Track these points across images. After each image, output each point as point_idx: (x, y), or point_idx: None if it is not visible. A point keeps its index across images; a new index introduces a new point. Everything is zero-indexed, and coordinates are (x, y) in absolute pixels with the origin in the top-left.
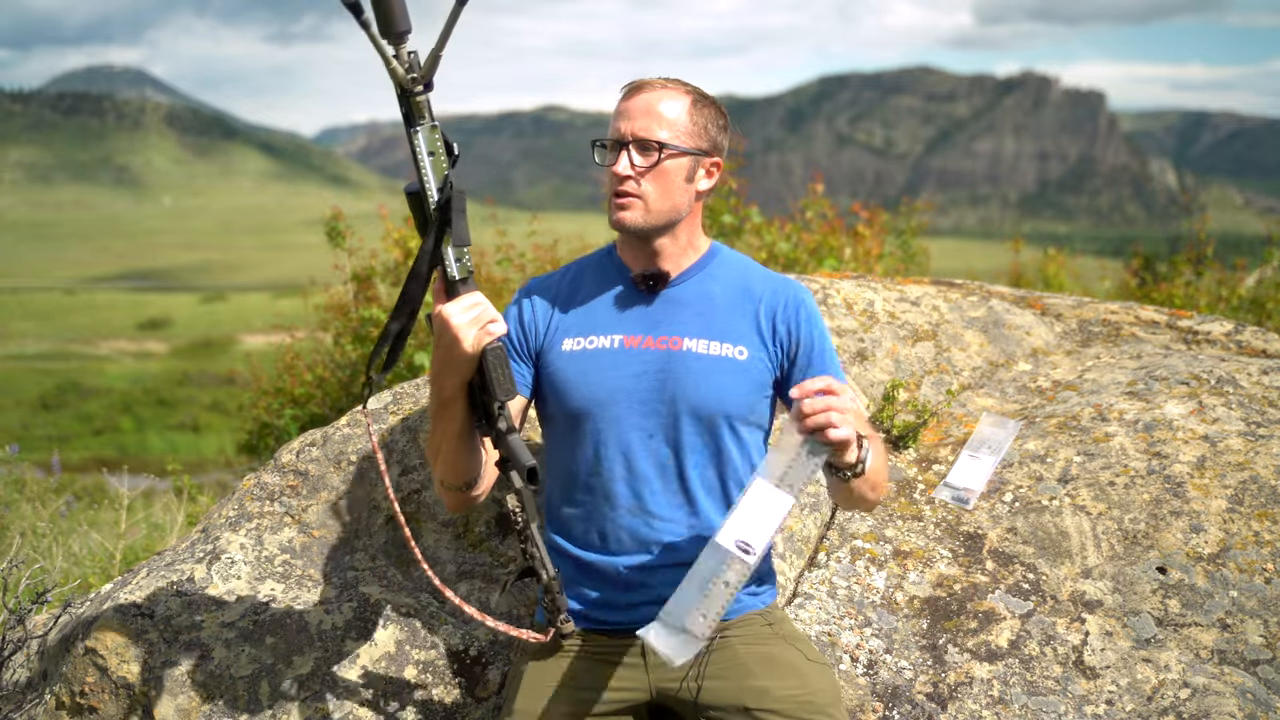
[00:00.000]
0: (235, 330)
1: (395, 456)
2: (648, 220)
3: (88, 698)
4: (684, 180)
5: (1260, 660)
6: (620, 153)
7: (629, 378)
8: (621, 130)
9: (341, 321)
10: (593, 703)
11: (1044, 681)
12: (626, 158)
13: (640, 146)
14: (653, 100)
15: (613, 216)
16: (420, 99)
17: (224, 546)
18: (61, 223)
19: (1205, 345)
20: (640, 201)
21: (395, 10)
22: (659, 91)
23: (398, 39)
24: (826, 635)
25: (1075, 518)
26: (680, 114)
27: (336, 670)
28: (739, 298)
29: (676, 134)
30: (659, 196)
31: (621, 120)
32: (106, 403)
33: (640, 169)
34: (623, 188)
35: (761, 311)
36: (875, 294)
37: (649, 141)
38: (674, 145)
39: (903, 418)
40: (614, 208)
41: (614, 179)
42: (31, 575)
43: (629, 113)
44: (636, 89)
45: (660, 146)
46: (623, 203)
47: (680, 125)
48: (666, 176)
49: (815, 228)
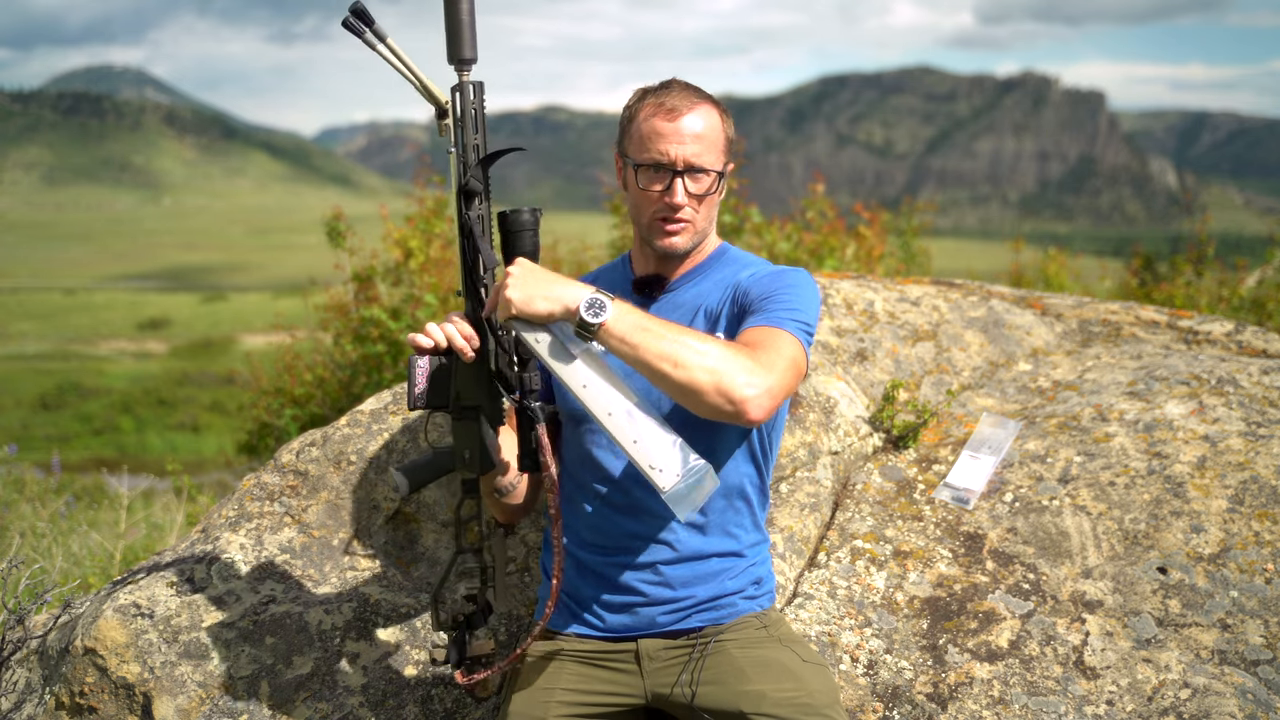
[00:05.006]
0: (235, 330)
1: (395, 456)
2: (694, 242)
3: (88, 698)
4: (719, 197)
5: (1260, 660)
6: (673, 181)
7: (624, 379)
8: (671, 156)
9: (341, 321)
10: (588, 706)
11: (1044, 682)
12: (682, 187)
13: (693, 174)
14: (695, 123)
15: (662, 241)
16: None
17: (224, 546)
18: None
19: (1205, 345)
20: (691, 226)
21: (465, 36)
22: (697, 111)
23: (461, 65)
24: (826, 635)
25: (1075, 518)
26: (719, 135)
27: (336, 670)
28: (728, 290)
29: (717, 156)
30: (705, 218)
31: (670, 144)
32: (106, 403)
33: (694, 196)
34: (679, 216)
35: (736, 292)
36: (875, 294)
37: (704, 170)
38: (722, 171)
39: (903, 418)
40: (663, 232)
41: (663, 205)
42: (31, 575)
43: (677, 137)
44: (674, 110)
45: (717, 175)
46: (675, 229)
47: (720, 146)
48: (713, 200)
49: (816, 227)
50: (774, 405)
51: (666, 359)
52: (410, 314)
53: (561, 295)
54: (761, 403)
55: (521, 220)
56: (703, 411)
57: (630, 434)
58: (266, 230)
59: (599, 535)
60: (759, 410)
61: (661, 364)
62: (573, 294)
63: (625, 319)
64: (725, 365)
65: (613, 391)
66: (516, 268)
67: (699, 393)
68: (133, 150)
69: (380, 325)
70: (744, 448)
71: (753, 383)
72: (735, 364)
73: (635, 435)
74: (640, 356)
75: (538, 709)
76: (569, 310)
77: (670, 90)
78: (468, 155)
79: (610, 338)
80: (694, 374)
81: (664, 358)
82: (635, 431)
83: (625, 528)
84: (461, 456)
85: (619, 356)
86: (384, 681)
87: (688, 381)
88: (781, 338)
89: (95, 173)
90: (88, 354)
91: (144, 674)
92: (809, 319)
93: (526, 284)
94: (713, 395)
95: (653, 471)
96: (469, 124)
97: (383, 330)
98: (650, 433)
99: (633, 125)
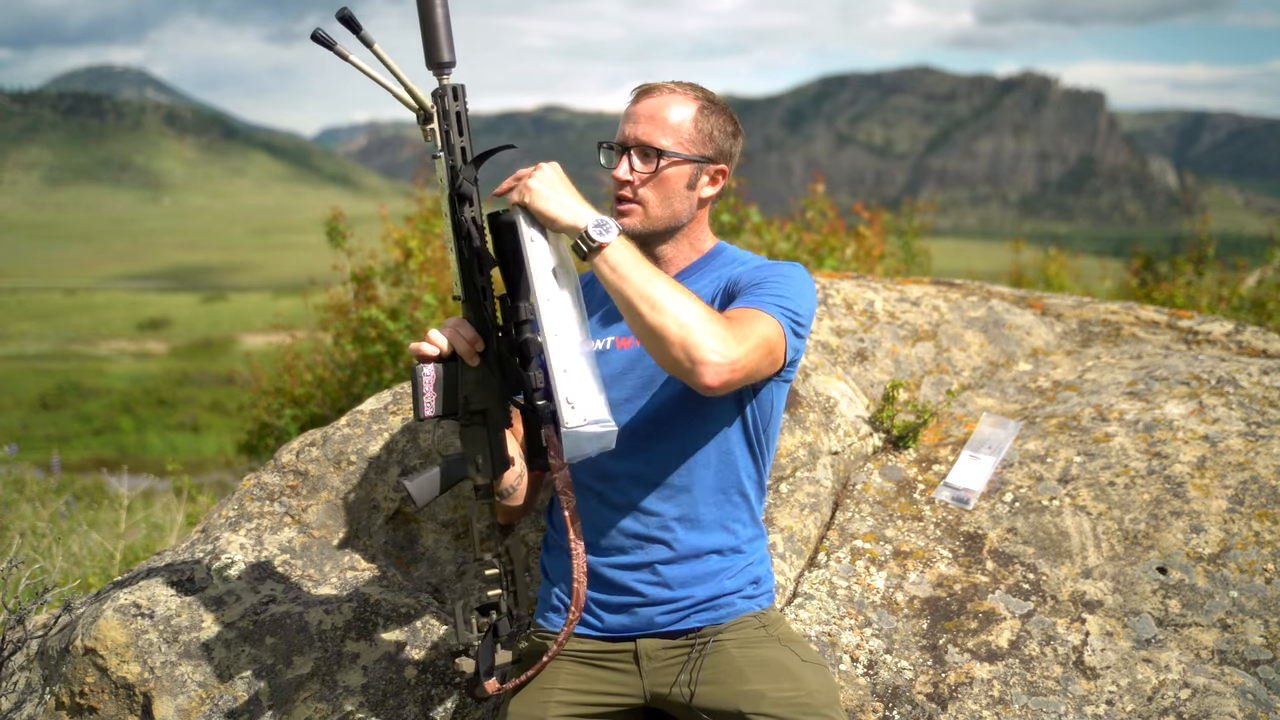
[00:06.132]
0: (235, 330)
1: (395, 456)
2: (646, 226)
3: (88, 698)
4: (685, 187)
5: (1260, 660)
6: (623, 157)
7: (618, 377)
8: (626, 134)
9: (341, 321)
10: (587, 706)
11: (1044, 682)
12: (627, 163)
13: (641, 153)
14: (658, 106)
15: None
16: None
17: (224, 546)
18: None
19: (1205, 345)
20: (640, 208)
21: (442, 39)
22: (666, 96)
23: (440, 69)
24: (826, 635)
25: (1075, 518)
26: (685, 120)
27: (336, 670)
28: (722, 288)
29: (679, 141)
30: (658, 203)
31: (627, 124)
32: (106, 403)
33: (640, 175)
34: (622, 193)
35: (729, 284)
36: (875, 294)
37: (650, 148)
38: (675, 153)
39: (903, 418)
40: (614, 213)
41: (615, 183)
42: (31, 575)
43: (634, 117)
44: (645, 93)
45: (660, 154)
46: (622, 209)
47: (684, 132)
48: (667, 184)
49: (816, 227)
50: (733, 379)
51: (646, 299)
52: (409, 314)
53: (576, 207)
54: (720, 372)
55: (512, 221)
56: (662, 361)
57: (562, 363)
58: (266, 230)
59: (596, 535)
60: (715, 378)
61: (640, 303)
62: (586, 211)
63: (623, 250)
64: (699, 325)
65: (571, 319)
66: (547, 165)
67: (665, 340)
68: (133, 150)
69: (379, 325)
70: (742, 440)
71: (718, 349)
72: (709, 328)
73: (567, 365)
74: (623, 289)
75: (537, 709)
76: (576, 223)
77: (658, 84)
78: (456, 158)
79: (604, 261)
80: (665, 321)
81: (645, 298)
82: (569, 363)
83: (622, 527)
84: (474, 462)
85: (604, 283)
86: (384, 681)
87: (658, 326)
88: (760, 318)
89: (95, 173)
90: (88, 354)
91: (144, 674)
92: (796, 308)
93: (550, 182)
94: (677, 348)
95: (565, 405)
96: (454, 127)
97: (381, 330)
98: (582, 372)
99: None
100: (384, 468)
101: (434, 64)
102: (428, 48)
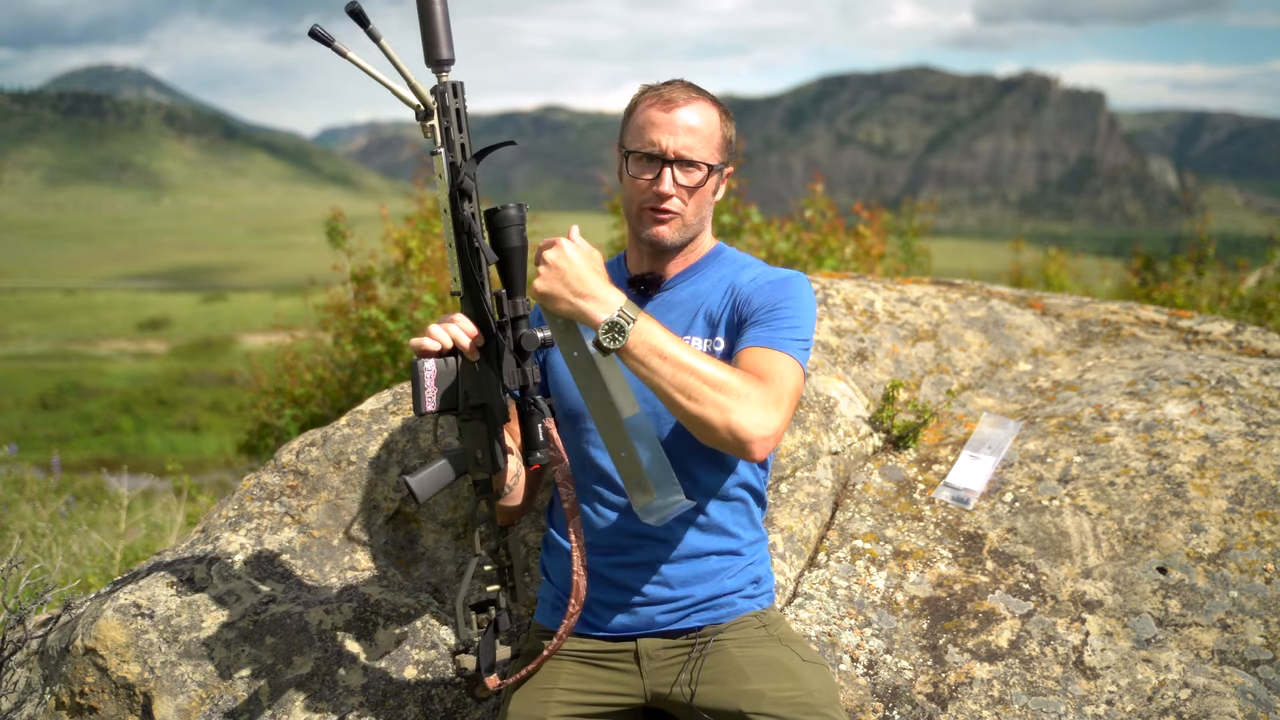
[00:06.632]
0: (235, 330)
1: (395, 456)
2: (683, 236)
3: (88, 698)
4: (711, 195)
5: (1260, 660)
6: (662, 170)
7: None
8: (663, 145)
9: (341, 321)
10: (588, 705)
11: (1044, 682)
12: (670, 176)
13: (683, 166)
14: (690, 116)
15: (649, 230)
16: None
17: (224, 546)
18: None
19: (1206, 345)
20: (679, 219)
21: (441, 37)
22: (694, 105)
23: (439, 66)
24: (826, 635)
25: (1075, 518)
26: (714, 131)
27: (336, 670)
28: (725, 292)
29: (712, 152)
30: (694, 213)
31: (660, 133)
32: (106, 403)
33: (685, 190)
34: (665, 205)
35: (737, 297)
36: (875, 294)
37: (694, 163)
38: (714, 166)
39: (903, 418)
40: (651, 221)
41: (651, 194)
42: (31, 575)
43: (670, 128)
44: (671, 102)
45: (708, 169)
46: (663, 219)
47: (715, 142)
48: (702, 194)
49: (816, 227)
50: (777, 443)
51: (681, 391)
52: (409, 314)
53: (587, 307)
54: (767, 444)
55: (509, 216)
56: (709, 442)
57: (620, 447)
58: (267, 230)
59: (596, 534)
60: (763, 451)
61: (676, 394)
62: (597, 308)
63: (642, 345)
64: (738, 406)
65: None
66: (556, 253)
67: (710, 427)
68: (133, 150)
69: (379, 325)
70: None
71: (761, 423)
72: (748, 406)
73: (624, 449)
74: (655, 382)
75: (537, 709)
76: (590, 323)
77: (672, 86)
78: (456, 154)
79: (628, 359)
80: (706, 410)
81: (680, 389)
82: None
83: (623, 527)
84: (474, 457)
85: (634, 374)
86: (384, 681)
87: (699, 415)
88: (785, 365)
89: (95, 173)
90: (88, 354)
91: (144, 674)
92: (808, 334)
93: (559, 279)
94: (723, 432)
95: (633, 487)
96: (454, 123)
97: (381, 330)
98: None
99: (632, 117)
100: (384, 468)
101: (433, 61)
102: (427, 45)
